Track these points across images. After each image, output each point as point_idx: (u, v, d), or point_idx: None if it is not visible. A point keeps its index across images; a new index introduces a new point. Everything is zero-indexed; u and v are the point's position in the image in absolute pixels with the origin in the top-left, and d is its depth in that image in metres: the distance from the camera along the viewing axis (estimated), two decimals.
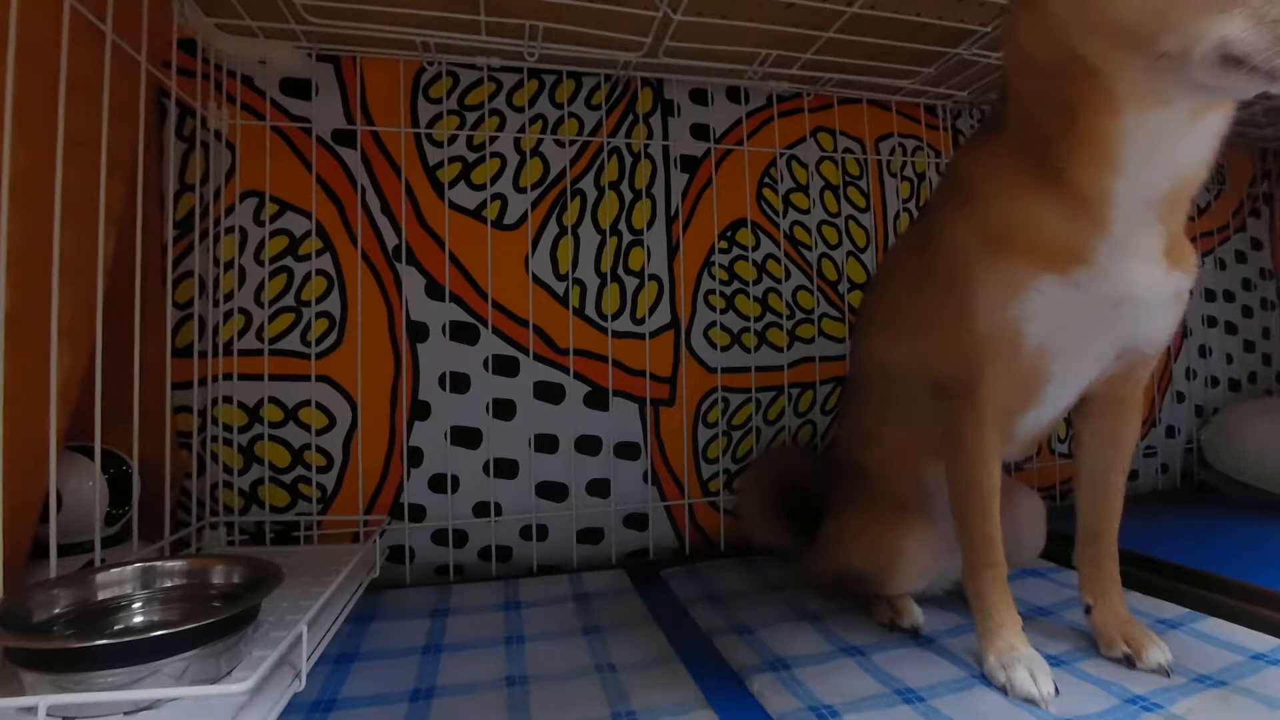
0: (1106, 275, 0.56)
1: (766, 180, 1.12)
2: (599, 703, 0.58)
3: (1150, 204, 0.55)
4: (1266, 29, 0.42)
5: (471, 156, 1.00)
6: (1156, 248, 0.57)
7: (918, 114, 1.20)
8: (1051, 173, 0.56)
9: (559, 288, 1.02)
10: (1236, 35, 0.43)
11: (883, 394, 0.77)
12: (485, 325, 0.99)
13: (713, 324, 1.08)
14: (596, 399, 1.02)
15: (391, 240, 0.96)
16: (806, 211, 1.13)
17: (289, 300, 0.93)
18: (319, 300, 0.94)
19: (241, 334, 0.91)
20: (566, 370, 1.01)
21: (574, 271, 1.02)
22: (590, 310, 1.03)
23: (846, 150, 1.16)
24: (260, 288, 0.92)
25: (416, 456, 0.96)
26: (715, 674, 0.64)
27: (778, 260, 1.11)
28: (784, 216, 1.12)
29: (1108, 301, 0.57)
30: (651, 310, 1.05)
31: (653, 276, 1.05)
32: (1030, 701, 0.56)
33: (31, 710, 0.41)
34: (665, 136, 1.07)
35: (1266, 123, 1.27)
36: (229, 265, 0.91)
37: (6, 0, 0.54)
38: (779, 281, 1.11)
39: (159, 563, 0.61)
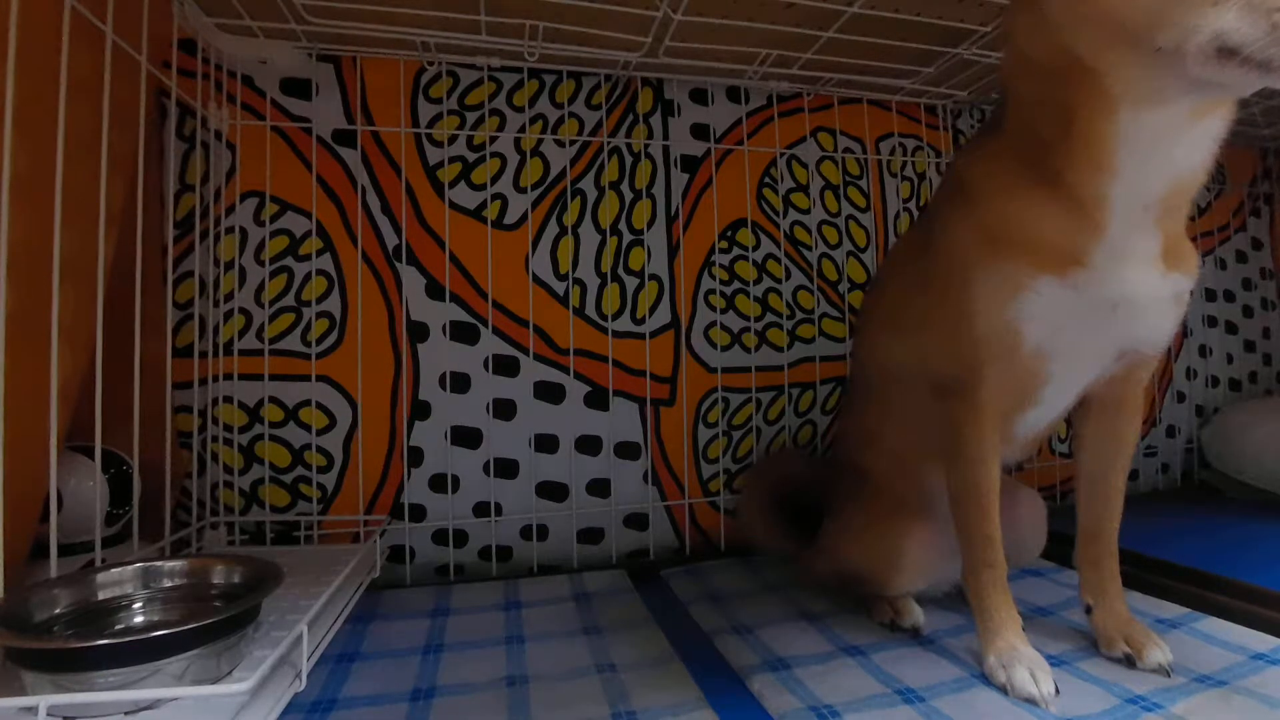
0: (1103, 278, 0.56)
1: (767, 180, 1.12)
2: (599, 703, 0.58)
3: (1147, 207, 0.55)
4: (1262, 18, 0.41)
5: (472, 156, 1.00)
6: (1154, 250, 0.56)
7: (918, 114, 1.20)
8: (1050, 175, 0.56)
9: (559, 288, 1.02)
10: (1231, 26, 0.43)
11: (883, 394, 0.77)
12: (485, 325, 0.99)
13: (713, 324, 1.08)
14: (597, 399, 1.02)
15: (392, 240, 0.96)
16: (807, 211, 1.13)
17: (289, 300, 0.93)
18: (319, 300, 0.94)
19: (242, 334, 0.91)
20: (567, 370, 1.01)
21: (574, 271, 1.02)
22: (590, 310, 1.03)
23: (847, 150, 1.16)
24: (260, 288, 0.92)
25: (417, 456, 0.96)
26: (715, 674, 0.64)
27: (778, 260, 1.11)
28: (784, 216, 1.12)
29: (1105, 304, 0.57)
30: (652, 310, 1.05)
31: (653, 276, 1.05)
32: (1031, 701, 0.56)
33: (32, 710, 0.41)
34: (665, 136, 1.07)
35: (1266, 122, 1.27)
36: (229, 265, 0.91)
37: (6, 0, 0.54)
38: (779, 281, 1.11)
39: (159, 563, 0.61)
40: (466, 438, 0.98)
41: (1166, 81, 0.48)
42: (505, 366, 0.99)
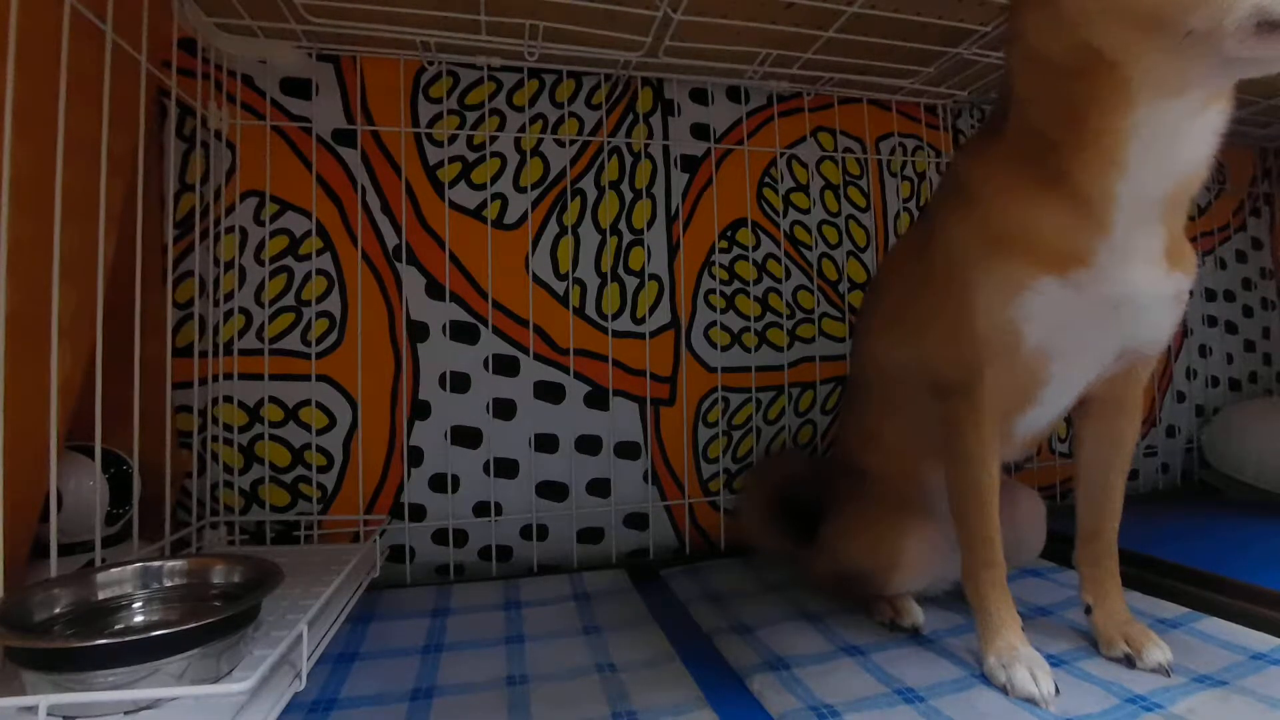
0: (1106, 277, 0.56)
1: (767, 180, 1.12)
2: (599, 703, 0.58)
3: (1153, 205, 0.55)
4: None
5: (471, 156, 1.00)
6: (1157, 249, 0.56)
7: (918, 114, 1.20)
8: (1053, 174, 0.55)
9: (559, 287, 1.02)
10: None
11: (883, 394, 0.77)
12: (485, 325, 0.99)
13: (713, 324, 1.08)
14: (596, 399, 1.02)
15: (392, 240, 0.96)
16: (807, 211, 1.13)
17: (289, 300, 0.93)
18: (319, 300, 0.94)
19: (242, 334, 0.91)
20: (567, 370, 1.01)
21: (574, 271, 1.02)
22: (590, 310, 1.03)
23: (847, 150, 1.16)
24: (260, 288, 0.92)
25: (417, 456, 0.96)
26: (715, 674, 0.64)
27: (778, 260, 1.11)
28: (784, 216, 1.12)
29: (1107, 303, 0.57)
30: (651, 310, 1.05)
31: (653, 276, 1.05)
32: (1030, 701, 0.56)
33: (32, 710, 0.41)
34: (665, 136, 1.07)
35: (1267, 122, 1.27)
36: (229, 265, 0.91)
37: (6, 0, 0.54)
38: (779, 281, 1.11)
39: (159, 562, 0.60)
40: (466, 437, 0.98)
41: (1193, 67, 0.47)
42: (505, 366, 0.99)
